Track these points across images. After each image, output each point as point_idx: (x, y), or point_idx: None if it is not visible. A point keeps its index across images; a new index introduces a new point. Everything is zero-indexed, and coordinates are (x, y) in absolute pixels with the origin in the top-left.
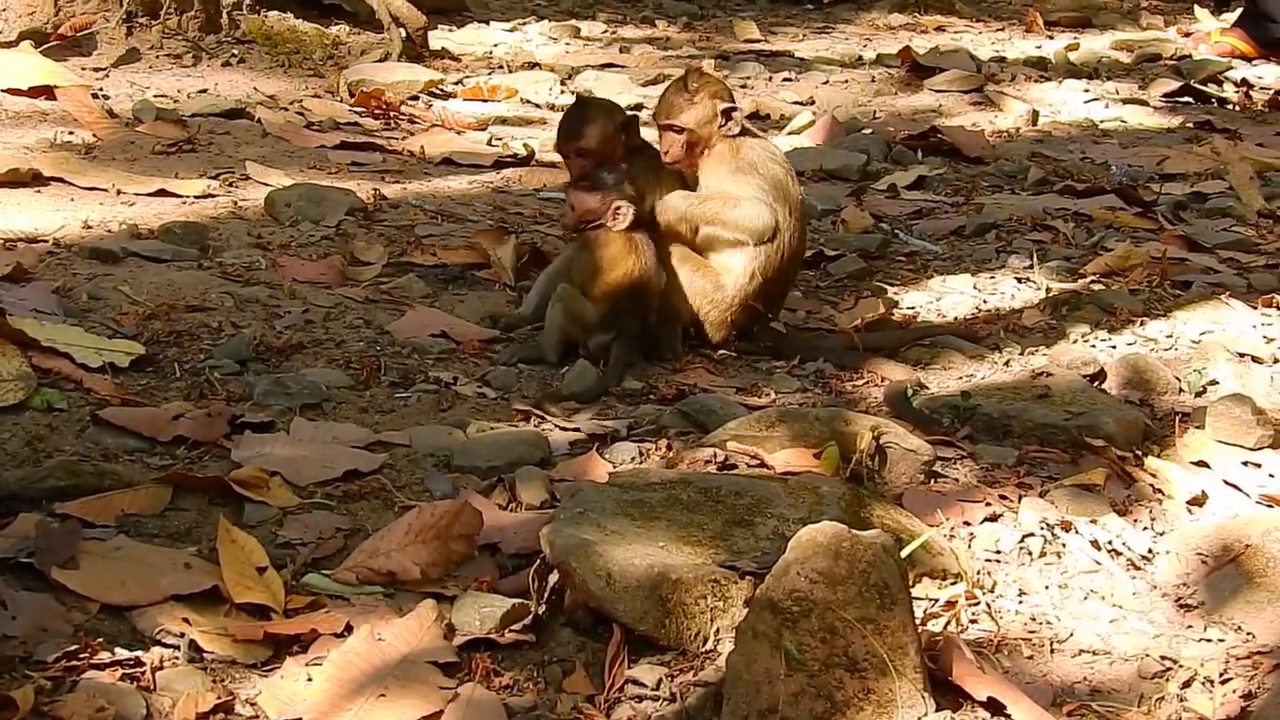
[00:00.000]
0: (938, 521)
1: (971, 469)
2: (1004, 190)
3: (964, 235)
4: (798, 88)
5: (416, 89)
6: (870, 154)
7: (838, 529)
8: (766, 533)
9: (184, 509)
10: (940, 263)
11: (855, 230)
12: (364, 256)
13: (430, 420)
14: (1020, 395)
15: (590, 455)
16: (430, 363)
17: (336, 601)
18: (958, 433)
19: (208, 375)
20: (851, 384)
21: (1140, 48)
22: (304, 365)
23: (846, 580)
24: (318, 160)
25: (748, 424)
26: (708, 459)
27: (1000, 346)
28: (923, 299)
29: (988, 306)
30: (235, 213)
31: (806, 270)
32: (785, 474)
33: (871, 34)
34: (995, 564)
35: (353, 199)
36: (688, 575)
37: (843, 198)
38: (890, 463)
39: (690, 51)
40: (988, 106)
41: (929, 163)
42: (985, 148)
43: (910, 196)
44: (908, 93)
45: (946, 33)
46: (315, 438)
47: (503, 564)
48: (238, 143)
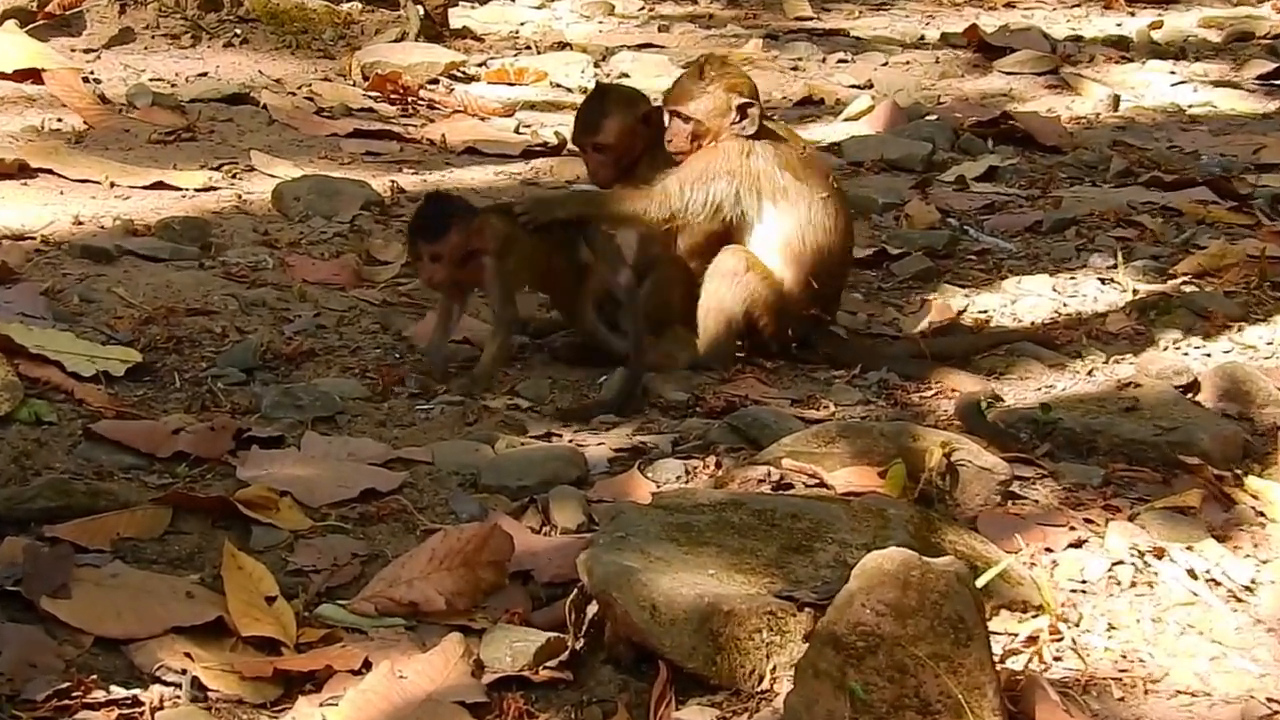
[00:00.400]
0: (1016, 548)
1: (1053, 489)
2: (1084, 182)
3: (1040, 232)
4: (854, 70)
5: (436, 72)
6: (935, 142)
7: (906, 556)
8: (827, 560)
9: (185, 532)
10: (1015, 262)
11: (920, 226)
12: (381, 255)
13: (455, 435)
14: (1106, 408)
15: (631, 474)
16: (454, 371)
17: (353, 635)
18: (1037, 449)
19: (210, 385)
20: (919, 395)
21: (1231, 25)
22: (316, 374)
23: (917, 613)
24: (329, 150)
25: (805, 439)
26: (761, 478)
27: (1082, 354)
28: (996, 302)
29: (1068, 310)
30: (239, 207)
31: (867, 270)
32: (847, 495)
33: (934, 10)
34: (1081, 595)
35: (368, 192)
36: (741, 607)
37: (906, 190)
38: (963, 482)
39: (735, 30)
40: (1064, 90)
41: (1000, 152)
42: (1062, 135)
43: (980, 189)
44: (975, 75)
45: (1017, 9)
46: (329, 454)
47: (536, 594)
48: (241, 131)
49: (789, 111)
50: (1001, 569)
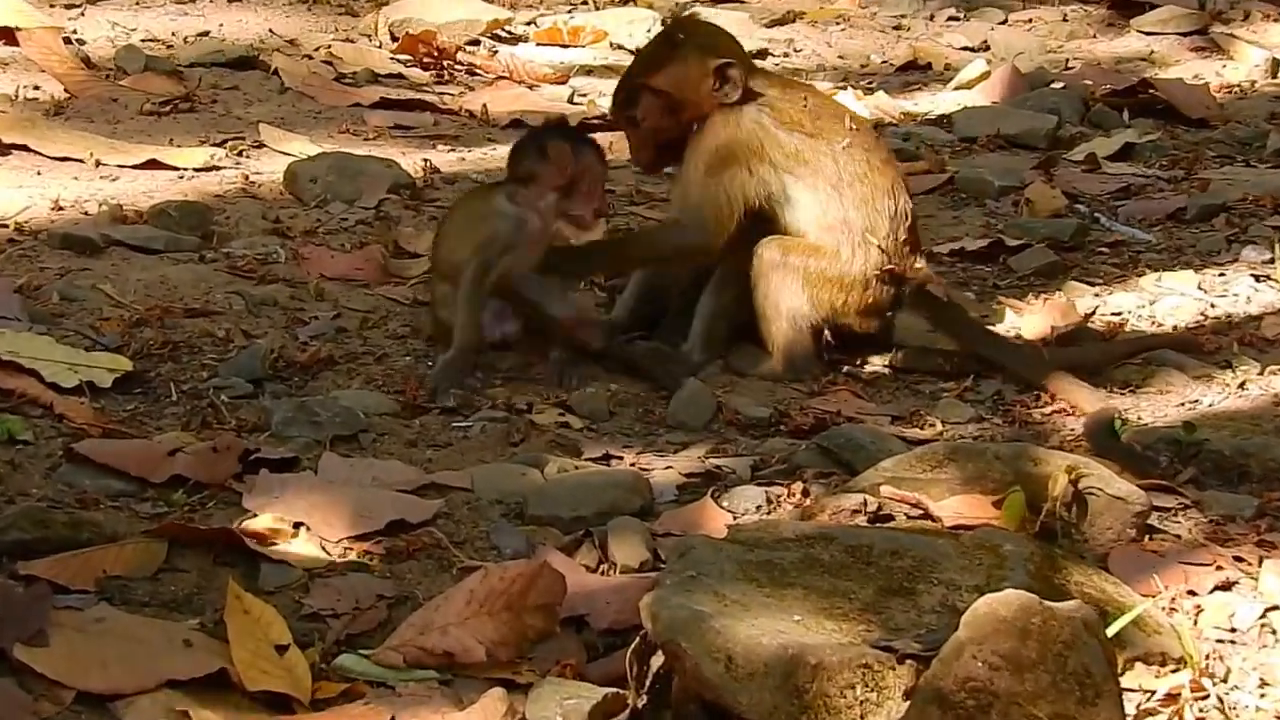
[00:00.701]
0: (1154, 591)
1: (1197, 522)
2: (1235, 162)
3: (1184, 220)
4: (967, 29)
5: (477, 31)
6: (1062, 115)
7: (1025, 599)
8: (932, 604)
9: (182, 570)
10: (1154, 255)
11: (1044, 213)
12: (411, 246)
13: (497, 457)
14: (1260, 427)
15: (704, 503)
16: (497, 382)
17: (378, 690)
18: (1179, 475)
19: (212, 398)
20: (1040, 411)
21: None
22: (335, 386)
23: (1037, 666)
24: (351, 123)
25: (907, 463)
26: (855, 508)
27: (1233, 364)
28: (1132, 302)
29: (1216, 312)
30: (246, 190)
31: (981, 265)
32: (956, 528)
33: None
34: (1229, 646)
35: (396, 173)
36: (831, 659)
37: (1027, 171)
38: (1092, 514)
39: None
40: (1213, 53)
41: (1138, 126)
42: (1210, 107)
43: (1114, 170)
44: (1109, 35)
45: None
46: (350, 479)
47: (591, 643)
48: (248, 100)
49: (890, 79)
50: (1136, 615)
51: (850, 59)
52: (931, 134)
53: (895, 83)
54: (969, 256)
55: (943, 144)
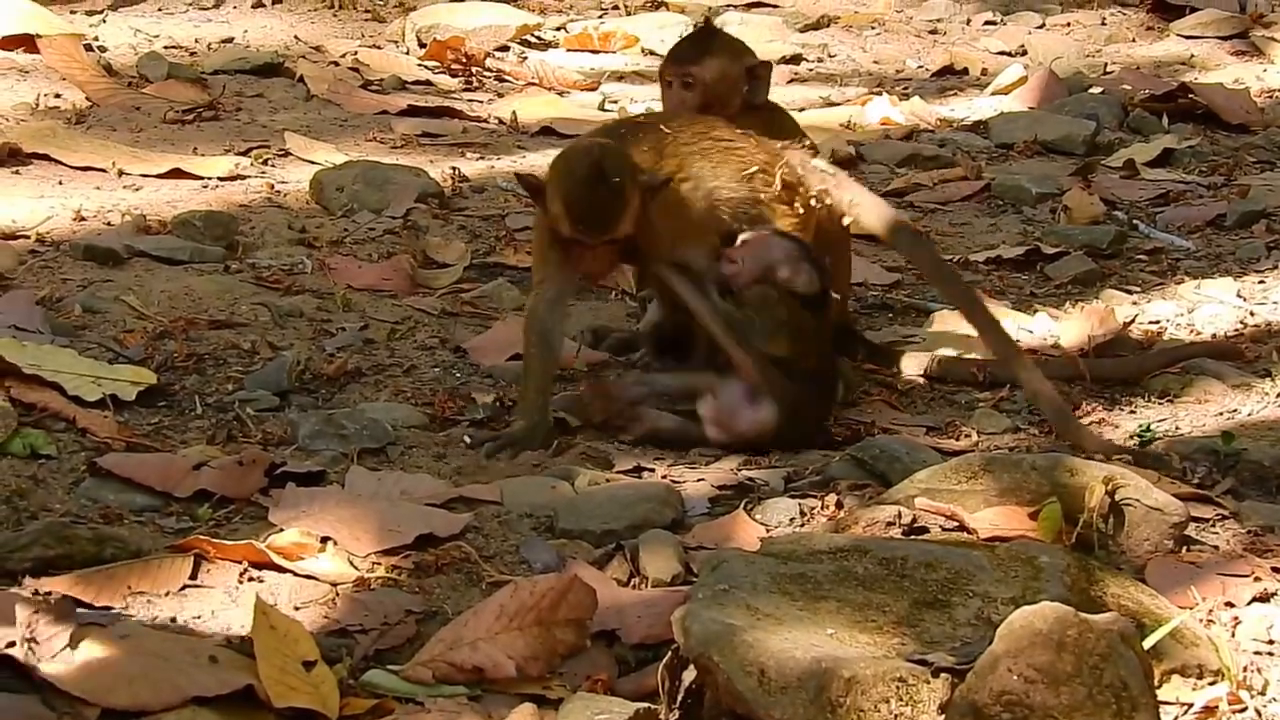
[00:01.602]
0: (1192, 603)
1: (1235, 533)
2: (1276, 168)
3: (1224, 227)
4: (1004, 34)
5: (506, 37)
6: (1100, 120)
7: (1061, 612)
8: (967, 617)
9: (208, 586)
10: (1193, 263)
11: (1082, 220)
12: (439, 256)
13: (527, 470)
14: None
15: (736, 515)
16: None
17: (407, 706)
18: (1217, 486)
19: (238, 411)
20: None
21: None
22: (362, 398)
23: (1073, 679)
24: (378, 130)
25: (942, 474)
26: (890, 520)
27: (1272, 373)
28: (1170, 310)
29: (1256, 320)
30: (272, 199)
31: (1018, 274)
32: (991, 540)
33: None
34: (1268, 658)
35: (424, 181)
36: (865, 672)
37: (1065, 178)
38: (1129, 525)
39: None
40: (1254, 57)
41: (1177, 131)
42: (1251, 112)
43: (1153, 176)
44: (1149, 39)
45: None
46: (378, 493)
47: (623, 657)
48: (274, 108)
49: (926, 83)
50: (1173, 627)
51: (885, 64)
52: (968, 140)
53: (931, 88)
54: (1006, 264)
55: (979, 150)
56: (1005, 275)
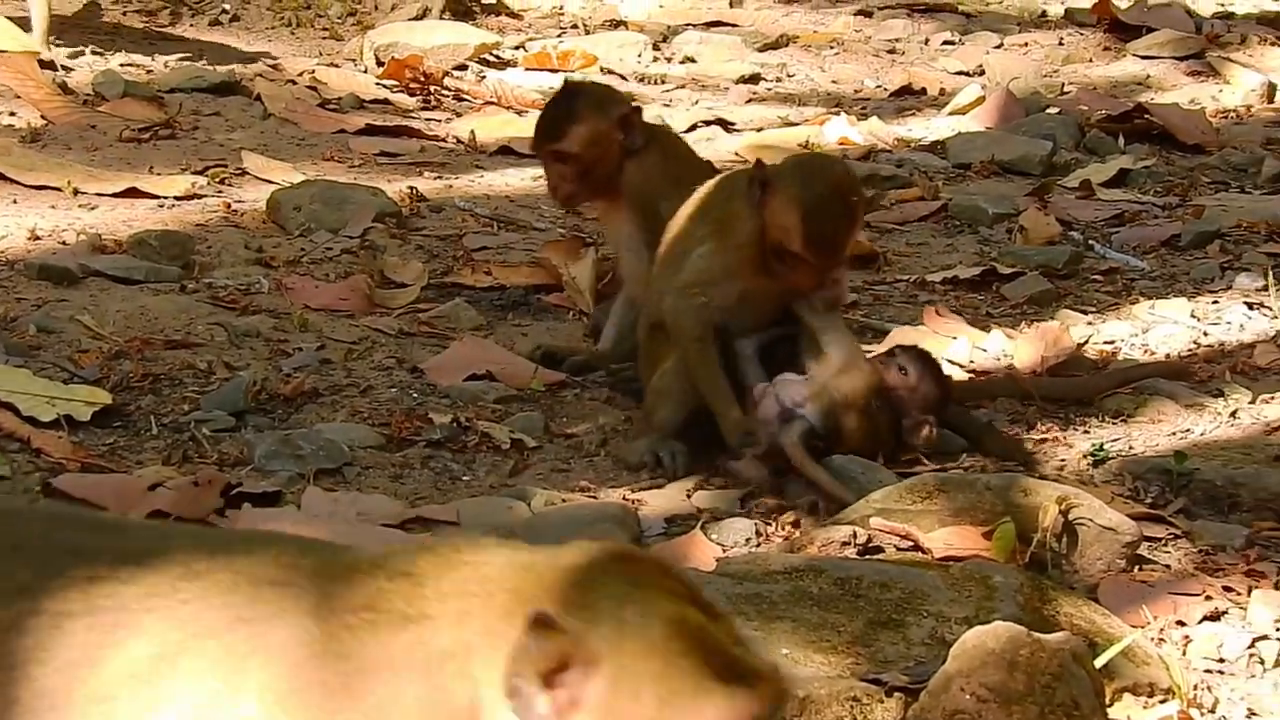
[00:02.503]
0: (1143, 622)
1: (1187, 553)
2: (1230, 188)
3: (1178, 247)
4: (962, 53)
5: (464, 56)
6: (1057, 140)
7: (1014, 632)
8: (921, 636)
9: None
10: (1148, 283)
11: (1038, 240)
12: (397, 276)
13: (485, 491)
14: (1251, 456)
15: (692, 536)
16: (487, 413)
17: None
18: (1169, 505)
19: (194, 431)
20: (1031, 443)
21: None
22: (319, 418)
23: (1025, 698)
24: (336, 150)
25: (897, 494)
26: (845, 540)
27: (1225, 393)
28: (1125, 330)
29: (1209, 340)
30: (228, 218)
31: (973, 294)
32: (945, 559)
33: None
34: (1218, 676)
35: (382, 201)
36: (819, 691)
37: (1021, 198)
38: (1082, 545)
39: (820, 3)
40: (1210, 77)
41: (1133, 152)
42: (1206, 132)
43: (1109, 196)
44: (1105, 59)
45: None
46: (335, 513)
47: None
48: (230, 126)
49: (884, 103)
50: (1124, 646)
51: (843, 84)
52: (925, 160)
53: (889, 108)
54: (962, 285)
55: (936, 170)
56: (962, 295)
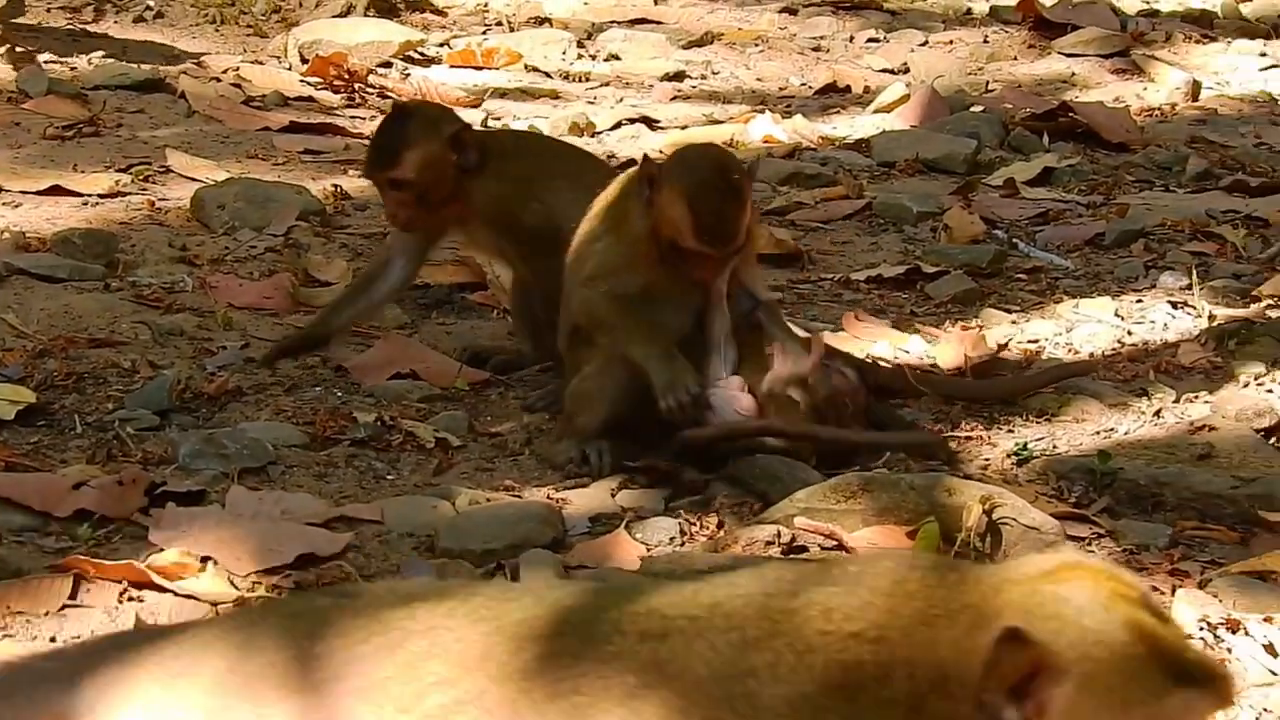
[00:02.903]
0: None
1: (1111, 551)
2: (1154, 186)
3: (1102, 246)
4: (887, 51)
5: (389, 53)
6: (981, 139)
7: None
8: None
9: (88, 606)
10: (1072, 282)
11: (962, 239)
12: (321, 274)
13: (409, 490)
14: (1175, 456)
15: (616, 535)
16: (412, 412)
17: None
18: (1093, 505)
19: (118, 430)
20: (956, 442)
21: None
22: (243, 417)
23: None
24: (260, 147)
25: (821, 494)
26: (769, 539)
27: (1149, 392)
28: (1049, 329)
29: (1133, 339)
30: (153, 216)
31: (898, 292)
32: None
33: None
34: None
35: (305, 199)
36: None
37: (946, 196)
38: (1006, 544)
39: (745, 1)
40: (1134, 75)
41: (1058, 150)
42: (1131, 130)
43: (1033, 195)
44: (1030, 57)
45: None
46: (259, 512)
47: None
48: (155, 124)
49: (808, 101)
50: None
51: (768, 81)
52: (850, 158)
53: (814, 106)
54: (886, 284)
55: (861, 169)
56: (886, 294)
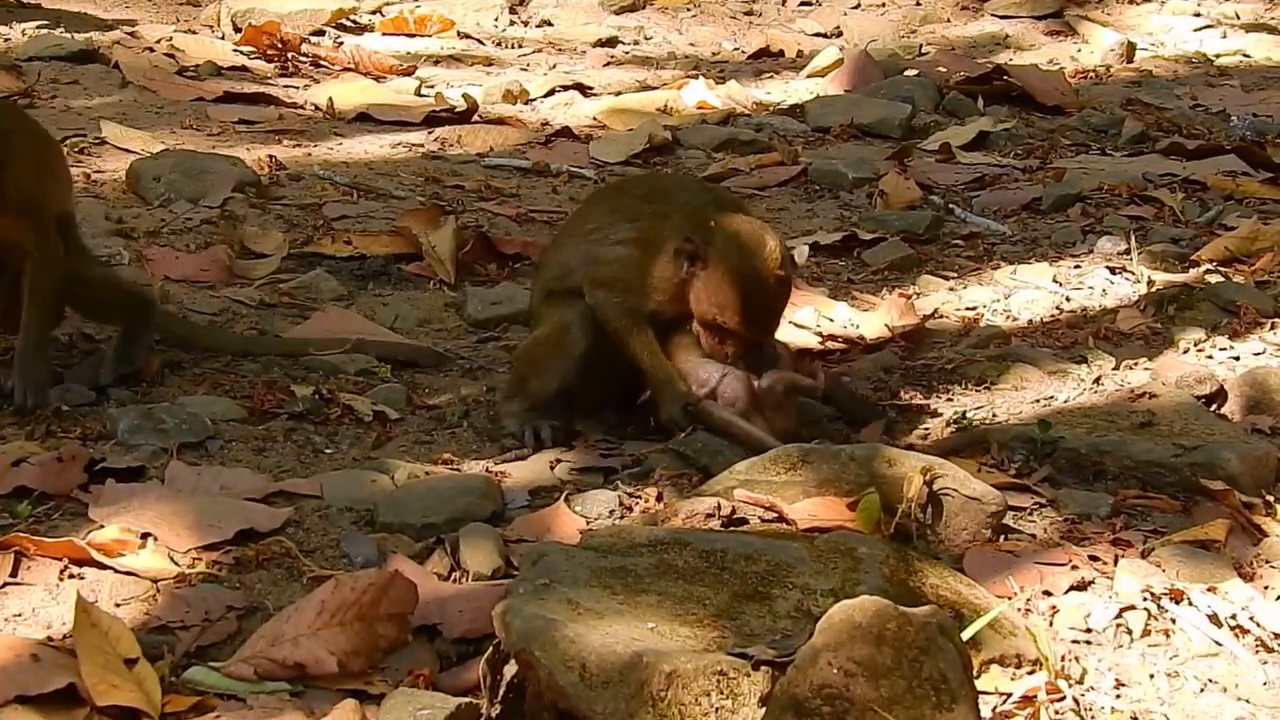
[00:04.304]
0: (1009, 592)
1: (1052, 521)
2: (1091, 150)
3: (1039, 211)
4: (820, 15)
5: (322, 21)
6: (916, 103)
7: (881, 606)
8: (787, 609)
9: (28, 583)
10: (1009, 247)
11: (898, 205)
12: (257, 246)
13: (348, 464)
14: (1115, 424)
15: (556, 508)
16: (349, 385)
17: (229, 702)
18: (1033, 474)
19: (56, 407)
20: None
21: None
22: (181, 392)
23: (892, 672)
24: (195, 118)
25: (761, 466)
26: (709, 512)
27: (1088, 359)
28: (987, 295)
29: (1071, 305)
30: (88, 189)
31: (834, 260)
32: (810, 531)
33: None
34: (1085, 646)
35: (241, 170)
36: (685, 666)
37: (881, 162)
38: (947, 515)
39: None
40: (1069, 36)
41: (993, 114)
42: (1066, 93)
43: (969, 159)
44: (964, 19)
45: None
46: (198, 487)
47: (444, 652)
48: (89, 94)
49: (742, 66)
50: (992, 618)
51: (701, 46)
52: (784, 124)
53: (747, 71)
54: (823, 250)
55: (796, 134)
56: (823, 261)
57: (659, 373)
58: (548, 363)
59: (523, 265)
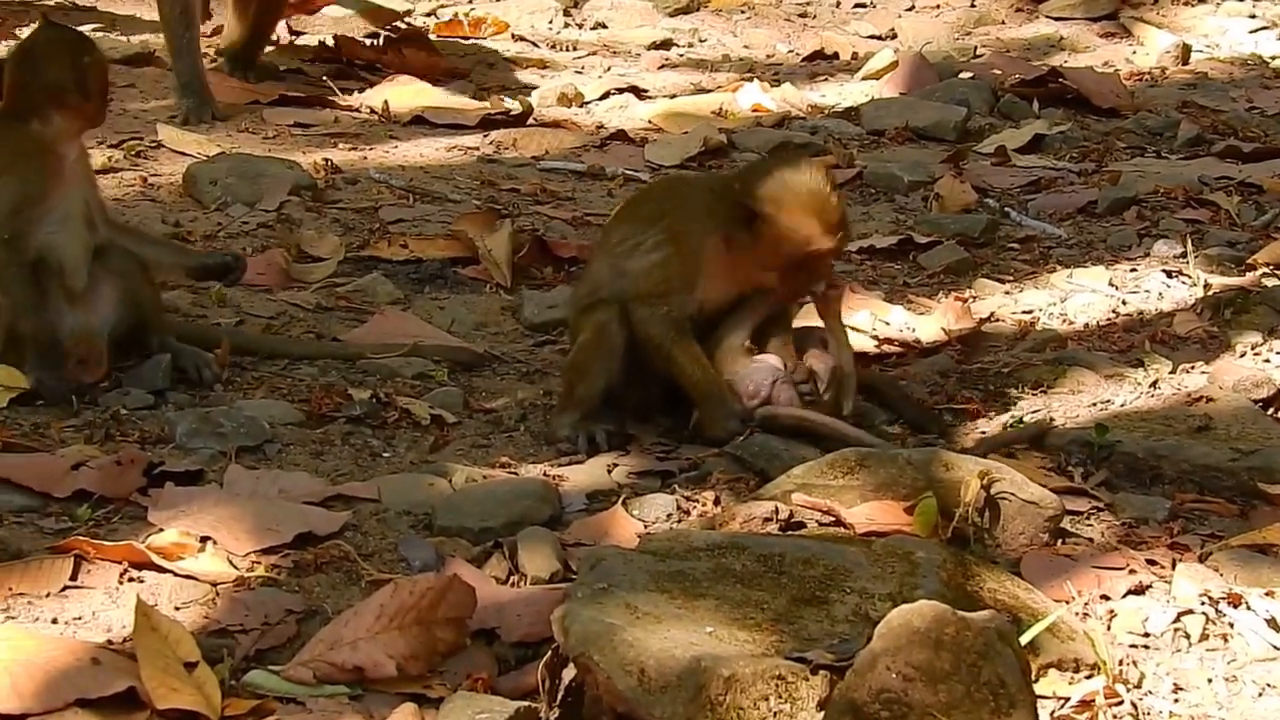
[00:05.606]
0: (1067, 596)
1: (1110, 526)
2: (1146, 153)
3: (1095, 214)
4: (874, 17)
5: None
6: (971, 105)
7: (939, 611)
8: (845, 614)
9: (89, 587)
10: (1065, 250)
11: (954, 208)
12: (313, 250)
13: (406, 467)
14: (1172, 428)
15: (614, 512)
16: (407, 389)
17: (288, 706)
18: (1091, 478)
19: (115, 410)
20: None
21: None
22: (239, 396)
23: (951, 677)
24: (250, 121)
25: (819, 470)
26: (767, 516)
27: (1145, 363)
28: (1042, 299)
29: (1128, 309)
30: (145, 193)
31: (890, 263)
32: (868, 535)
33: None
34: (1143, 651)
35: (297, 174)
36: (744, 670)
37: (936, 165)
38: (1004, 519)
39: None
40: (1124, 38)
41: (1048, 116)
42: (1121, 96)
43: (1024, 162)
44: (1018, 21)
45: None
46: (256, 491)
47: (503, 656)
48: (145, 98)
49: (796, 68)
50: (1050, 622)
51: (756, 49)
52: (839, 127)
53: (802, 73)
54: (878, 254)
55: (850, 137)
56: (878, 265)
57: (708, 388)
58: (591, 364)
59: (578, 268)
